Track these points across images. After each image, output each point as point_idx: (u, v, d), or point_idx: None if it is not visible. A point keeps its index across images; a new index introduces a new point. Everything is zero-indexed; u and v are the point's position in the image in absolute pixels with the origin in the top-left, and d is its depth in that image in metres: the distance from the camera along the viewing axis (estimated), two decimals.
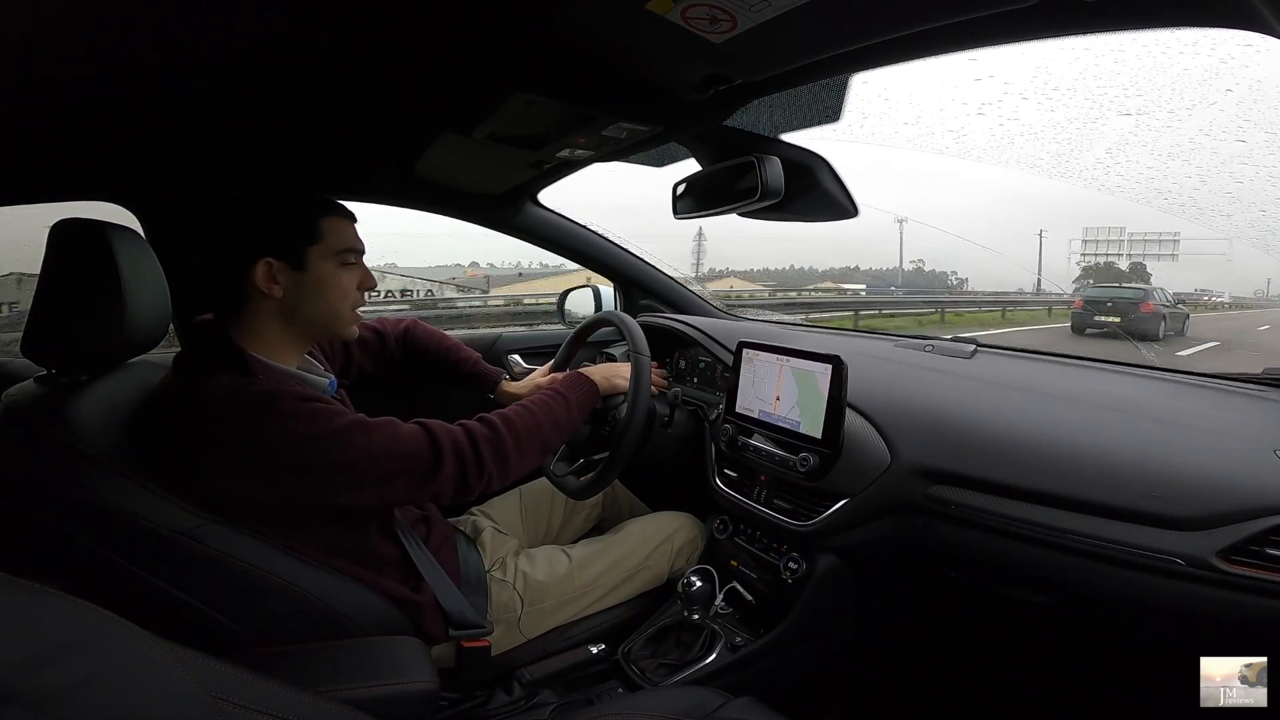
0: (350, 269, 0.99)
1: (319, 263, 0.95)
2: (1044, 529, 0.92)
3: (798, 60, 0.81)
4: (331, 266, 0.97)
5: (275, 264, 0.92)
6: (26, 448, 0.79)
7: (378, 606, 0.95)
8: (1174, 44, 0.72)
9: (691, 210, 1.29)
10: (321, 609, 0.88)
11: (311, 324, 0.99)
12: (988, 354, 1.33)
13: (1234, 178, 1.82)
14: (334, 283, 0.97)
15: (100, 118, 0.93)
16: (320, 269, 0.96)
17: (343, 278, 0.98)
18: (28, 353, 0.84)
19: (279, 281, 0.93)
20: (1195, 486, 0.83)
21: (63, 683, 0.36)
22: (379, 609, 0.95)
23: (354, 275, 1.00)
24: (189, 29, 0.69)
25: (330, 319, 0.99)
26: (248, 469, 0.84)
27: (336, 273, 0.97)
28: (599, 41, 0.78)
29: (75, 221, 0.86)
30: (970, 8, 0.66)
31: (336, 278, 0.97)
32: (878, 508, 1.11)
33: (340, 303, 0.99)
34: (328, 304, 0.97)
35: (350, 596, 0.93)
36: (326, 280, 0.96)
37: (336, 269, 0.97)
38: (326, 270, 0.96)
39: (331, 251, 0.96)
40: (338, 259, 0.97)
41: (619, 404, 1.26)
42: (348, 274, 0.99)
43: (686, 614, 1.26)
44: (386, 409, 0.95)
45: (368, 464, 0.87)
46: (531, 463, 1.05)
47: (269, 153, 1.22)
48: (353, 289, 1.00)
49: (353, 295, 1.00)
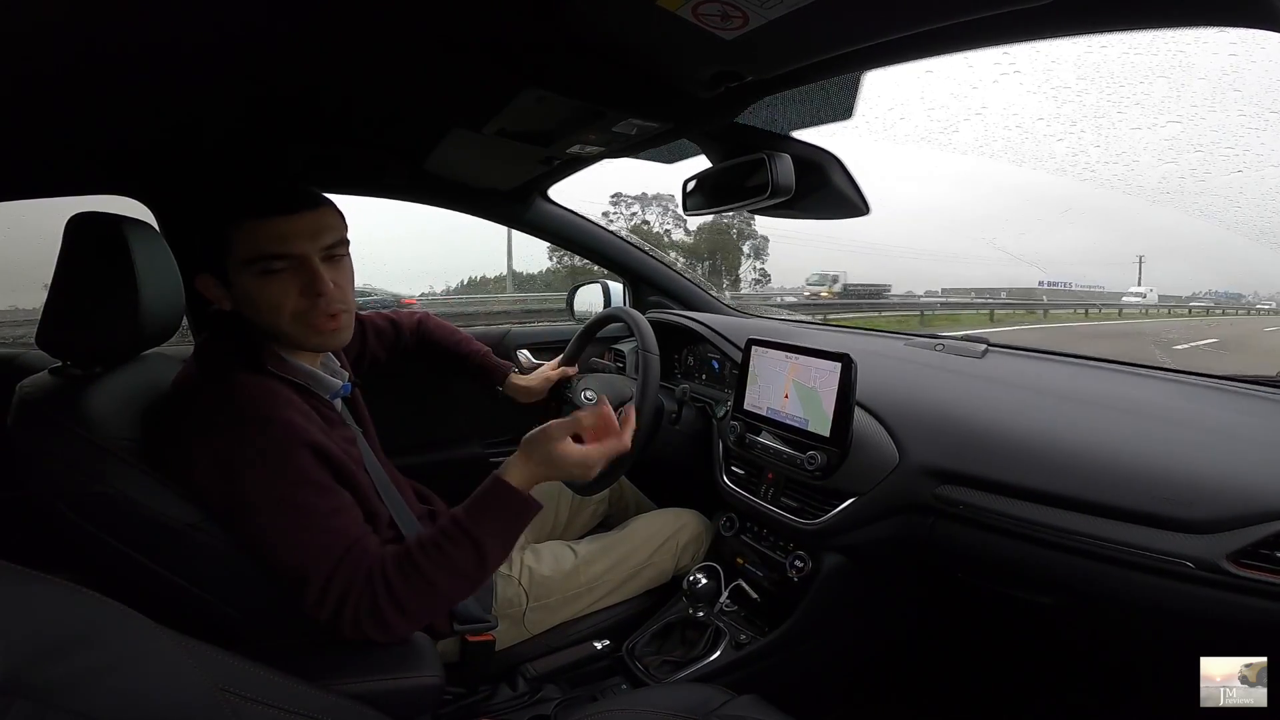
0: (278, 276, 0.85)
1: (237, 276, 0.86)
2: (1053, 530, 0.91)
3: (809, 57, 0.80)
4: (249, 278, 0.85)
5: (209, 279, 0.87)
6: (40, 439, 0.80)
7: None
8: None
9: (701, 206, 1.29)
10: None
11: (272, 336, 0.89)
12: (999, 353, 1.32)
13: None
14: (257, 296, 0.85)
15: (116, 114, 0.94)
16: (241, 283, 0.86)
17: (268, 289, 0.85)
18: (42, 345, 0.84)
19: (222, 296, 0.88)
20: (1207, 489, 0.82)
21: (72, 674, 0.36)
22: None
23: (286, 283, 0.85)
24: (203, 25, 0.69)
25: (277, 333, 0.88)
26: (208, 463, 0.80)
27: (256, 283, 0.85)
28: (609, 38, 0.78)
29: (91, 215, 0.86)
30: (984, 5, 0.65)
31: (258, 289, 0.85)
32: (885, 507, 1.11)
33: (273, 318, 0.86)
34: (261, 319, 0.87)
35: None
36: (250, 294, 0.86)
37: (255, 280, 0.85)
38: (245, 283, 0.85)
39: (241, 262, 0.84)
40: (253, 269, 0.84)
41: (626, 402, 1.26)
42: (271, 284, 0.85)
43: (691, 611, 1.26)
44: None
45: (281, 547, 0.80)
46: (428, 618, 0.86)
47: (281, 148, 1.22)
48: (288, 299, 0.86)
49: (290, 305, 0.86)
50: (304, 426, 0.85)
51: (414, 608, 0.82)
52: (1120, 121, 2.57)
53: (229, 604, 0.85)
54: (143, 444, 0.84)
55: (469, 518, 0.85)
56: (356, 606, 0.79)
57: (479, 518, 0.85)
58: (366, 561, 0.82)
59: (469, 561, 0.84)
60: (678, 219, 28.00)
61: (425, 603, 0.82)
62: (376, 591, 0.80)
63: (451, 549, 0.83)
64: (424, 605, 0.83)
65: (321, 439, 0.86)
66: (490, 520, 0.85)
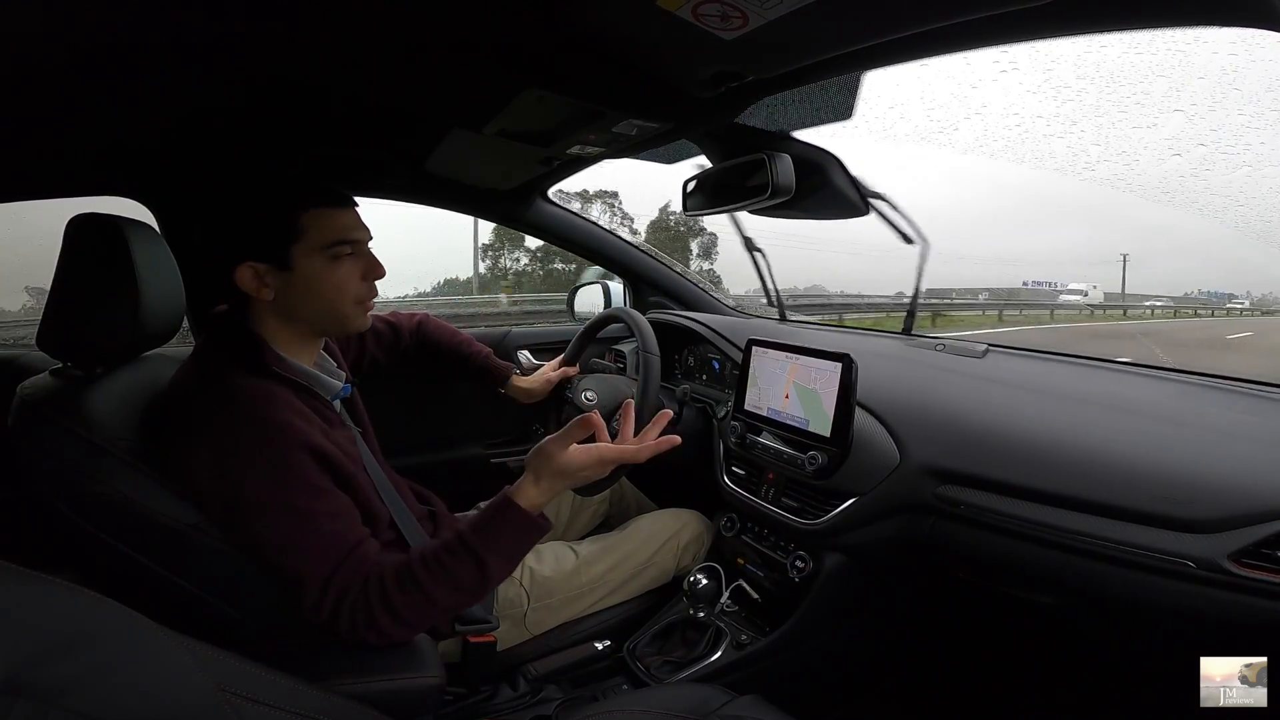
0: (344, 261, 0.93)
1: (305, 260, 0.90)
2: (1054, 530, 0.91)
3: (809, 57, 0.80)
4: (320, 262, 0.91)
5: (259, 267, 0.89)
6: (41, 439, 0.80)
7: None
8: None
9: (701, 207, 1.29)
10: None
11: (313, 322, 0.95)
12: (999, 353, 1.32)
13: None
14: (326, 278, 0.92)
15: (117, 115, 0.94)
16: (307, 266, 0.90)
17: (337, 272, 0.92)
18: (43, 346, 0.84)
19: (268, 284, 0.90)
20: (1208, 489, 0.82)
21: (73, 674, 0.37)
22: None
23: (352, 267, 0.94)
24: (202, 26, 0.69)
25: (329, 316, 0.95)
26: (206, 465, 0.81)
27: (327, 267, 0.91)
28: (610, 38, 0.78)
29: (91, 216, 0.86)
30: (983, 6, 0.65)
31: (328, 273, 0.92)
32: (886, 507, 1.11)
33: (337, 298, 0.93)
34: (322, 301, 0.93)
35: None
36: (316, 277, 0.91)
37: (326, 264, 0.91)
38: (315, 266, 0.91)
39: (316, 246, 0.90)
40: (326, 253, 0.91)
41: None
42: (343, 267, 0.93)
43: (692, 611, 1.26)
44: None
45: (280, 550, 0.81)
46: (425, 626, 0.86)
47: (282, 149, 1.23)
48: (352, 282, 0.94)
49: (353, 288, 0.94)
50: (304, 429, 0.85)
51: (409, 617, 0.82)
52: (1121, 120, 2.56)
53: (229, 604, 0.85)
54: (143, 445, 0.84)
55: (475, 536, 0.85)
56: (353, 611, 0.80)
57: (485, 537, 0.85)
58: (364, 567, 0.82)
59: (471, 578, 0.84)
60: (625, 216, 26.44)
61: (422, 614, 0.83)
62: (371, 600, 0.80)
63: (454, 565, 0.83)
64: (420, 616, 0.83)
65: (321, 441, 0.86)
66: (496, 539, 0.85)
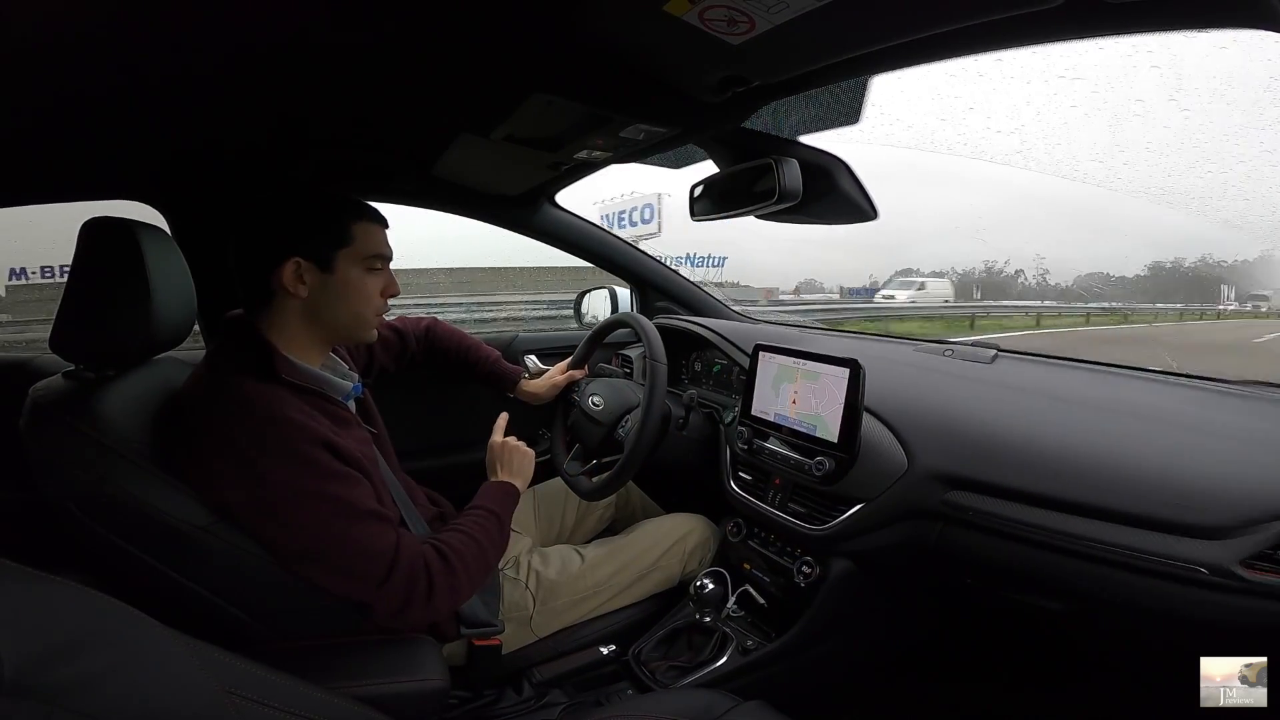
0: (376, 274, 1.00)
1: (346, 266, 0.96)
2: (1063, 536, 0.90)
3: (816, 62, 0.80)
4: (358, 271, 0.98)
5: (303, 264, 0.93)
6: (52, 441, 0.81)
7: None
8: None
9: (709, 212, 1.29)
10: (334, 605, 0.89)
11: (334, 326, 0.99)
12: (1009, 359, 1.31)
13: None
14: (359, 287, 0.98)
15: (130, 122, 0.95)
16: (347, 273, 0.97)
17: (368, 283, 0.99)
18: (55, 348, 0.85)
19: (305, 282, 0.94)
20: (1219, 494, 0.81)
21: (79, 675, 0.37)
22: None
23: (379, 281, 1.01)
24: (214, 35, 0.70)
25: (352, 322, 1.00)
26: (234, 476, 0.82)
27: (363, 278, 0.98)
28: (617, 43, 0.78)
29: (105, 220, 0.87)
30: (993, 9, 0.65)
31: (362, 282, 0.98)
32: (893, 513, 1.10)
33: (363, 307, 0.99)
34: (351, 307, 0.98)
35: None
36: (352, 284, 0.97)
37: (363, 274, 0.98)
38: (353, 274, 0.97)
39: (360, 256, 0.97)
40: (365, 264, 0.98)
41: (633, 409, 1.27)
42: (373, 279, 1.00)
43: (698, 616, 1.26)
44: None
45: (331, 547, 0.85)
46: (474, 591, 1.00)
47: (291, 154, 1.24)
48: (376, 294, 1.01)
49: (376, 301, 1.01)
50: (314, 426, 0.87)
51: (466, 578, 0.94)
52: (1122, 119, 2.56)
53: (237, 606, 0.85)
54: (155, 447, 0.84)
55: (477, 500, 1.08)
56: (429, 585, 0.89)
57: (484, 498, 1.08)
58: (414, 542, 0.92)
59: (498, 531, 1.04)
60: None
61: (476, 566, 0.96)
62: (433, 568, 0.90)
63: (488, 524, 1.02)
64: (475, 570, 0.96)
65: (332, 437, 0.88)
66: (505, 507, 1.09)
